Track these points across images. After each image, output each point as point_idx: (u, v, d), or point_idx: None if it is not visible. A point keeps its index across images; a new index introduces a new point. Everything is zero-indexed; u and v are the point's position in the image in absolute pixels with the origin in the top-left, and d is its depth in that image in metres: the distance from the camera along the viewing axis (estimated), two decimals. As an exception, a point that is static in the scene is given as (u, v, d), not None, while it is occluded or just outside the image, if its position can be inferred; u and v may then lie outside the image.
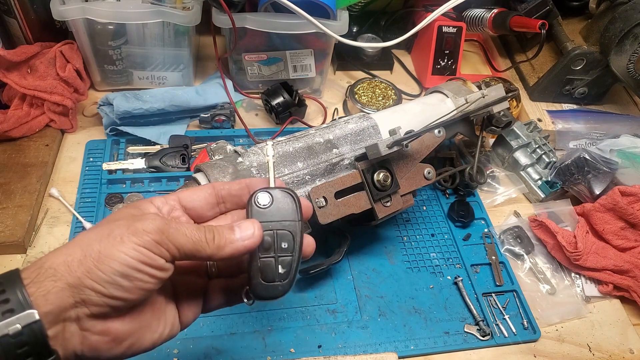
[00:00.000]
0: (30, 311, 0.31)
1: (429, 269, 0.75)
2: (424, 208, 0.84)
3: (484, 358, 0.67)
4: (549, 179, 0.84)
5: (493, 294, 0.73)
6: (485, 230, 0.81)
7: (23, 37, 0.83)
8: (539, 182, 0.86)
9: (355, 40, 0.94)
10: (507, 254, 0.78)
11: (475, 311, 0.70)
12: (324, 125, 0.69)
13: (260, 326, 0.66)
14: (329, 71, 1.03)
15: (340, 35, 0.85)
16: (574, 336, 0.71)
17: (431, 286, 0.73)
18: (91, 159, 0.81)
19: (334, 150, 0.65)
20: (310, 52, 0.91)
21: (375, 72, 1.05)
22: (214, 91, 0.90)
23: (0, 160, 0.77)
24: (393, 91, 0.98)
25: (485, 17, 0.99)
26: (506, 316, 0.71)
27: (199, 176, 0.58)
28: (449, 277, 0.75)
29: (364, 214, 0.66)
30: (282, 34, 0.86)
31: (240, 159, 0.60)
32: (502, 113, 0.77)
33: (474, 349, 0.68)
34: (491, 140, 0.92)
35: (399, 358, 0.65)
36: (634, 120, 1.00)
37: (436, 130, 0.71)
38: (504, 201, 0.86)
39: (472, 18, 1.02)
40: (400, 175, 0.68)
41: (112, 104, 0.81)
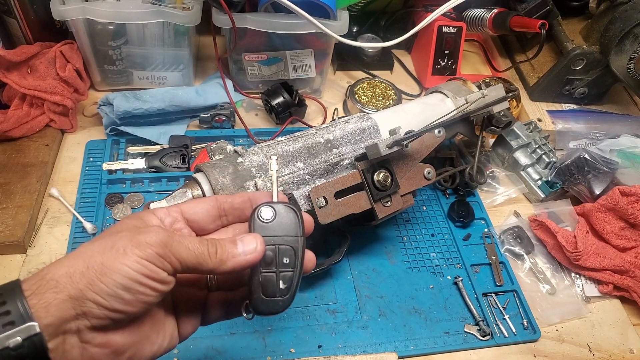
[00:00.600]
0: (31, 324, 0.31)
1: (429, 269, 0.75)
2: (424, 208, 0.84)
3: (484, 358, 0.67)
4: (549, 179, 0.84)
5: (493, 294, 0.73)
6: (485, 230, 0.81)
7: (23, 37, 0.83)
8: (539, 182, 0.86)
9: (355, 40, 0.94)
10: (507, 254, 0.78)
11: (475, 311, 0.70)
12: (324, 125, 0.69)
13: (260, 326, 0.66)
14: (329, 71, 1.03)
15: (340, 35, 0.86)
16: (574, 336, 0.71)
17: (431, 286, 0.73)
18: (91, 159, 0.81)
19: (334, 150, 0.65)
20: (310, 52, 0.91)
21: (375, 72, 1.05)
22: (214, 91, 0.90)
23: (0, 160, 0.77)
24: (393, 91, 0.98)
25: (485, 17, 0.99)
26: (506, 316, 0.71)
27: (199, 176, 0.58)
28: (449, 277, 0.75)
29: (364, 214, 0.66)
30: (282, 34, 0.86)
31: (240, 159, 0.60)
32: (502, 113, 0.78)
33: (474, 349, 0.68)
34: (491, 140, 0.92)
35: (399, 358, 0.65)
36: (634, 120, 1.00)
37: (436, 130, 0.71)
38: (504, 201, 0.86)
39: (472, 18, 1.02)
40: (400, 175, 0.68)
41: (112, 104, 0.81)
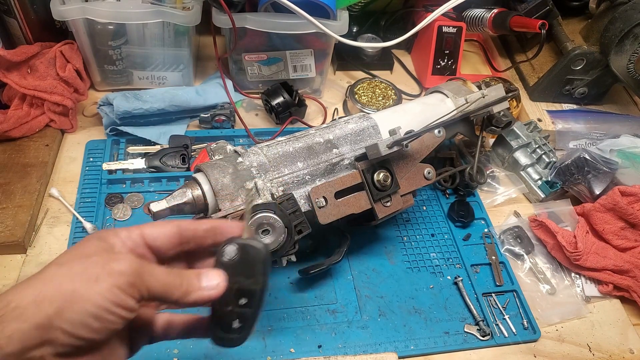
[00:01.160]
0: None
1: (429, 269, 0.75)
2: (424, 208, 0.84)
3: (484, 358, 0.67)
4: (549, 179, 0.84)
5: (493, 294, 0.73)
6: (485, 230, 0.81)
7: (23, 37, 0.83)
8: (539, 182, 0.86)
9: (355, 40, 0.94)
10: (507, 254, 0.78)
11: (475, 311, 0.70)
12: (324, 125, 0.69)
13: (260, 326, 0.66)
14: (329, 71, 1.03)
15: (340, 35, 0.86)
16: (574, 336, 0.71)
17: (431, 286, 0.73)
18: (91, 159, 0.81)
19: (334, 150, 0.65)
20: (310, 52, 0.91)
21: (375, 72, 1.05)
22: (214, 91, 0.90)
23: (0, 160, 0.77)
24: (393, 91, 0.98)
25: (485, 17, 0.99)
26: (506, 316, 0.71)
27: (199, 176, 0.58)
28: (449, 277, 0.75)
29: (364, 214, 0.66)
30: (282, 34, 0.86)
31: (240, 159, 0.60)
32: (502, 113, 0.77)
33: (474, 349, 0.68)
34: (491, 140, 0.92)
35: (399, 358, 0.65)
36: (634, 120, 1.00)
37: (436, 130, 0.71)
38: (504, 201, 0.86)
39: (472, 18, 1.02)
40: (400, 175, 0.68)
41: (112, 104, 0.81)
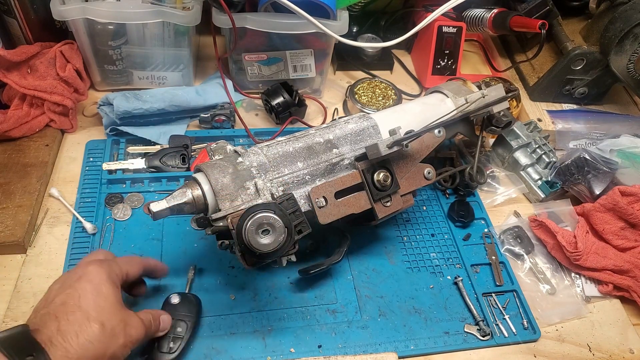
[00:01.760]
0: None
1: (429, 269, 0.75)
2: (424, 208, 0.84)
3: (484, 358, 0.67)
4: (549, 179, 0.84)
5: (493, 294, 0.73)
6: (485, 230, 0.81)
7: (23, 37, 0.83)
8: (539, 182, 0.86)
9: (355, 40, 0.94)
10: (507, 254, 0.78)
11: (475, 311, 0.70)
12: (324, 125, 0.69)
13: (260, 326, 0.66)
14: (329, 71, 1.03)
15: (340, 35, 0.85)
16: (574, 336, 0.71)
17: (431, 286, 0.73)
18: (91, 159, 0.81)
19: (334, 150, 0.65)
20: (310, 52, 0.91)
21: (375, 72, 1.05)
22: (214, 91, 0.90)
23: (0, 160, 0.77)
24: (393, 91, 0.98)
25: (485, 17, 0.99)
26: (506, 316, 0.71)
27: (199, 176, 0.58)
28: (449, 277, 0.75)
29: (364, 214, 0.66)
30: (282, 34, 0.86)
31: (240, 159, 0.60)
32: (502, 113, 0.77)
33: (474, 349, 0.68)
34: (491, 140, 0.92)
35: (399, 358, 0.65)
36: (634, 120, 1.00)
37: (436, 130, 0.71)
38: (504, 201, 0.86)
39: (472, 18, 1.02)
40: (400, 175, 0.68)
41: (112, 104, 0.81)
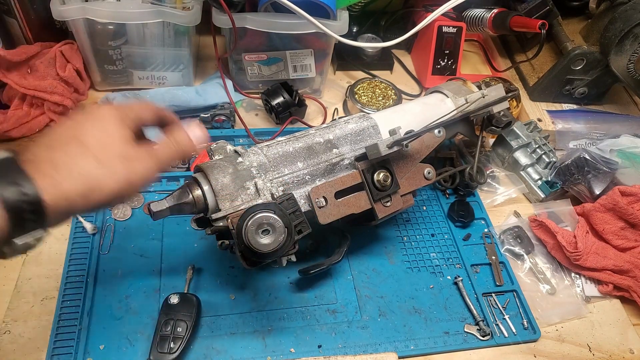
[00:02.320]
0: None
1: (429, 269, 0.75)
2: (424, 208, 0.84)
3: (484, 358, 0.67)
4: (549, 179, 0.84)
5: (493, 294, 0.73)
6: (485, 230, 0.81)
7: (23, 37, 0.83)
8: (539, 182, 0.86)
9: (355, 40, 0.94)
10: (507, 254, 0.78)
11: (475, 311, 0.70)
12: (324, 125, 0.69)
13: (260, 326, 0.66)
14: (329, 71, 1.03)
15: (340, 35, 0.85)
16: (574, 336, 0.71)
17: (431, 286, 0.73)
18: (91, 159, 0.81)
19: (334, 150, 0.65)
20: (310, 52, 0.91)
21: (375, 72, 1.05)
22: (214, 91, 0.90)
23: (0, 160, 0.77)
24: (393, 91, 0.98)
25: (485, 17, 0.99)
26: (506, 316, 0.71)
27: (199, 176, 0.58)
28: (449, 277, 0.75)
29: (364, 214, 0.66)
30: (282, 34, 0.86)
31: (240, 159, 0.60)
32: (502, 113, 0.77)
33: (474, 349, 0.68)
34: (491, 140, 0.92)
35: (399, 358, 0.65)
36: (634, 120, 1.00)
37: (436, 130, 0.71)
38: (504, 201, 0.86)
39: (472, 18, 1.02)
40: (400, 175, 0.68)
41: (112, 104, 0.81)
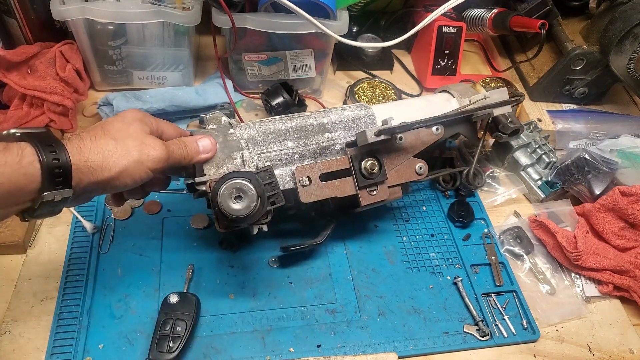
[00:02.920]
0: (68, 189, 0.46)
1: (429, 269, 0.75)
2: (424, 208, 0.84)
3: (483, 358, 0.67)
4: (549, 179, 0.84)
5: (493, 294, 0.73)
6: (485, 230, 0.81)
7: (23, 37, 0.84)
8: (539, 182, 0.86)
9: (355, 40, 0.94)
10: (507, 254, 0.78)
11: (474, 311, 0.70)
12: (321, 110, 0.70)
13: (260, 326, 0.66)
14: (329, 71, 1.03)
15: (340, 35, 0.85)
16: (574, 336, 0.71)
17: (431, 286, 0.73)
18: (91, 159, 0.81)
19: (327, 134, 0.66)
20: (310, 52, 0.91)
21: (375, 72, 1.05)
22: (214, 91, 0.90)
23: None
24: (393, 91, 0.98)
25: (485, 17, 0.99)
26: (506, 316, 0.71)
27: None
28: (449, 277, 0.75)
29: (350, 201, 0.67)
30: (282, 34, 0.86)
31: (231, 131, 0.62)
32: (510, 119, 0.77)
33: (473, 349, 0.68)
34: (491, 141, 0.92)
35: (399, 358, 0.65)
36: (634, 120, 1.00)
37: (434, 127, 0.71)
38: (504, 201, 0.86)
39: (472, 18, 1.02)
40: (389, 166, 0.68)
41: (112, 104, 0.81)
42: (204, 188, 0.59)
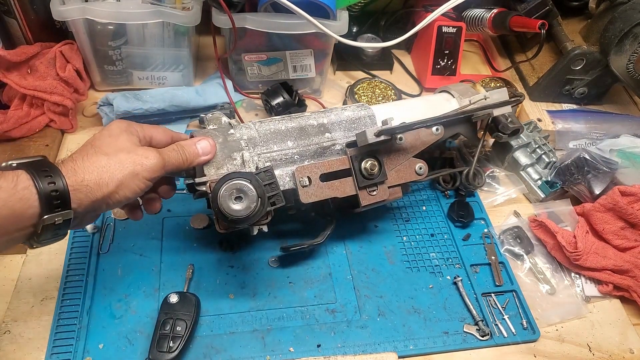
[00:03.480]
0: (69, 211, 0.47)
1: (429, 268, 0.75)
2: (424, 208, 0.84)
3: (483, 358, 0.67)
4: (549, 179, 0.84)
5: (492, 294, 0.73)
6: (485, 230, 0.81)
7: (23, 37, 0.84)
8: (539, 182, 0.86)
9: (355, 40, 0.94)
10: (507, 254, 0.78)
11: (474, 311, 0.70)
12: (321, 110, 0.70)
13: (260, 325, 0.66)
14: (329, 71, 1.03)
15: (340, 35, 0.86)
16: (574, 336, 0.71)
17: (430, 286, 0.73)
18: (91, 159, 0.81)
19: (327, 134, 0.66)
20: (310, 52, 0.91)
21: (375, 72, 1.05)
22: (214, 91, 0.90)
23: (0, 160, 0.77)
24: (393, 91, 0.98)
25: (485, 17, 0.99)
26: (505, 316, 0.71)
27: None
28: (449, 277, 0.75)
29: (350, 201, 0.67)
30: (282, 34, 0.86)
31: (231, 131, 0.62)
32: (510, 119, 0.77)
33: (473, 349, 0.68)
34: (491, 141, 0.92)
35: (399, 358, 0.65)
36: (634, 120, 1.00)
37: (434, 128, 0.71)
38: (504, 201, 0.86)
39: (472, 18, 1.02)
40: (389, 166, 0.68)
41: (112, 104, 0.81)
42: (204, 188, 0.59)
